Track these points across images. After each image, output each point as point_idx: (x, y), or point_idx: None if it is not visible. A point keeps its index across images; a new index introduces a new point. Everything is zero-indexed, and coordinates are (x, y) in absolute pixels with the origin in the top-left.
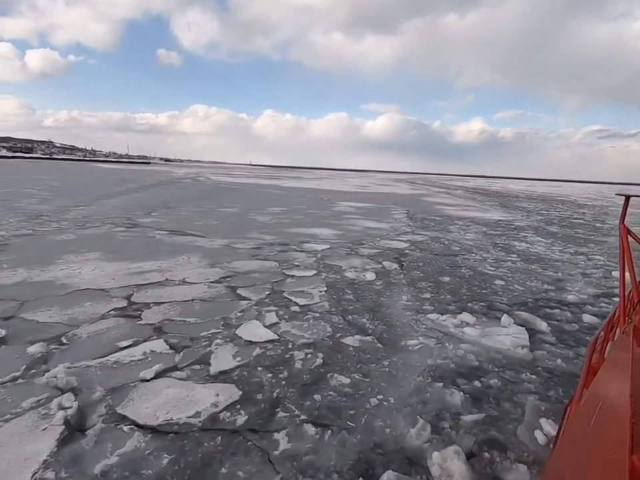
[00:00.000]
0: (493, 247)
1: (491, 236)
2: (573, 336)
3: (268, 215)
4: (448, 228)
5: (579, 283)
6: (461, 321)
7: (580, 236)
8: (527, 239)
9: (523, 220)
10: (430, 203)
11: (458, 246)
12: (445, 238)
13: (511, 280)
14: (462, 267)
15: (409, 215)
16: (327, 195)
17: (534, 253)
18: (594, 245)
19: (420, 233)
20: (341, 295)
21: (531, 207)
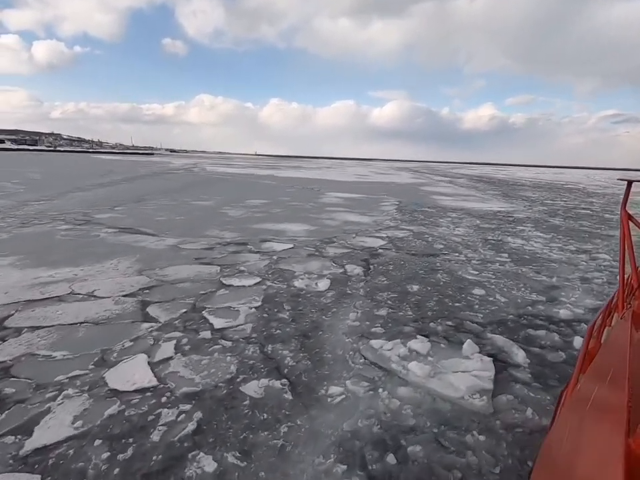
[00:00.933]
0: (482, 245)
1: (483, 230)
2: (557, 372)
3: (243, 209)
4: (438, 221)
5: (576, 291)
6: (411, 350)
7: (585, 229)
8: (523, 233)
9: (524, 211)
10: (427, 193)
11: (442, 243)
12: (430, 234)
13: (494, 288)
14: (438, 271)
15: (399, 206)
16: (320, 185)
17: (528, 252)
18: (600, 241)
19: (404, 228)
20: (275, 313)
21: (536, 196)
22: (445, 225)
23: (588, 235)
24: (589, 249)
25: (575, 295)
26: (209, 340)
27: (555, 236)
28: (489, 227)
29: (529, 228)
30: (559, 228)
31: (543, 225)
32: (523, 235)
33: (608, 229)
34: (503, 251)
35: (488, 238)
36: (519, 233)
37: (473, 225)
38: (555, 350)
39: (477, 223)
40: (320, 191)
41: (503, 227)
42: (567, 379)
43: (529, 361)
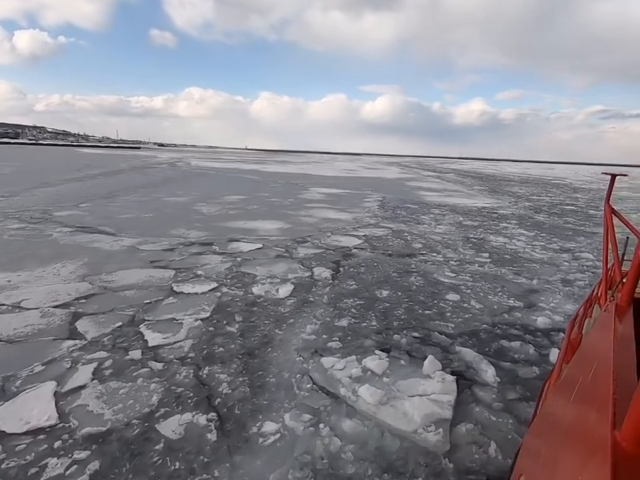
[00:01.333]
0: (463, 243)
1: (465, 228)
2: (528, 390)
3: (218, 205)
4: (420, 218)
5: (556, 295)
6: (365, 369)
7: (569, 226)
8: (506, 231)
9: (509, 207)
10: (412, 188)
11: (421, 242)
12: (410, 232)
13: (469, 293)
14: (413, 274)
15: (382, 202)
16: (304, 181)
17: (510, 251)
18: (584, 239)
19: (383, 226)
20: (222, 326)
21: (522, 191)
22: (427, 222)
23: (572, 232)
24: (572, 247)
25: (554, 300)
26: (137, 361)
27: (538, 233)
28: (472, 225)
29: (513, 225)
30: (542, 225)
31: (527, 222)
32: (506, 233)
33: (592, 226)
34: (483, 250)
35: (469, 236)
36: (501, 230)
37: (456, 222)
38: (529, 364)
39: (459, 220)
40: (304, 186)
41: (486, 224)
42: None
43: (499, 379)
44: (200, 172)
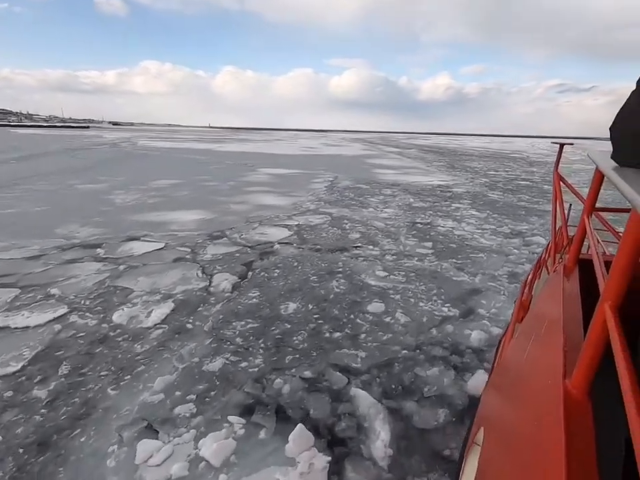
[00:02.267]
0: (407, 231)
1: (414, 211)
2: (430, 457)
3: (139, 193)
4: (367, 201)
5: (499, 296)
6: (198, 458)
7: (523, 204)
8: (457, 213)
9: (465, 184)
10: (370, 166)
11: (360, 231)
12: (351, 218)
13: (398, 300)
14: (337, 276)
15: (332, 183)
16: (257, 160)
17: (457, 238)
18: (536, 219)
19: (324, 212)
20: (29, 388)
21: (480, 166)
22: (374, 205)
23: (525, 211)
24: (524, 230)
25: (496, 303)
26: None
27: (489, 214)
28: (422, 207)
29: (465, 205)
30: (496, 204)
31: (480, 201)
32: (456, 215)
33: (545, 203)
34: (427, 238)
35: (416, 221)
36: (452, 212)
37: (405, 204)
38: (441, 404)
39: (410, 202)
40: (253, 166)
41: (438, 205)
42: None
43: (390, 450)
44: (142, 153)
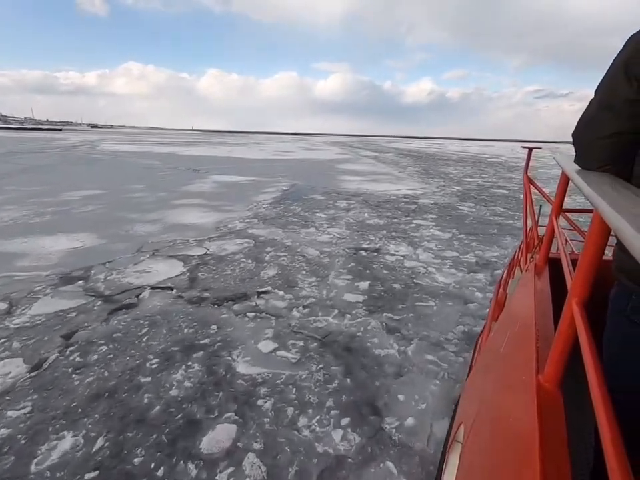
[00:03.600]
0: (343, 262)
1: (365, 231)
2: None
3: (30, 208)
4: (314, 217)
5: (432, 385)
6: None
7: (496, 219)
8: (417, 232)
9: (435, 193)
10: (338, 172)
11: (281, 265)
12: (280, 243)
13: (264, 413)
14: (192, 357)
15: (284, 193)
16: (215, 165)
17: (405, 274)
18: (510, 240)
19: (250, 234)
20: None
21: (456, 172)
22: (319, 223)
23: (497, 229)
24: (493, 258)
25: (420, 405)
26: None
27: (455, 235)
28: (376, 225)
29: (428, 222)
30: (465, 220)
31: (448, 215)
32: (414, 237)
33: (521, 218)
34: (366, 275)
35: (362, 246)
36: (411, 232)
37: (358, 221)
38: None
39: (363, 218)
40: (204, 173)
41: (396, 222)
42: None
43: None
44: (93, 158)
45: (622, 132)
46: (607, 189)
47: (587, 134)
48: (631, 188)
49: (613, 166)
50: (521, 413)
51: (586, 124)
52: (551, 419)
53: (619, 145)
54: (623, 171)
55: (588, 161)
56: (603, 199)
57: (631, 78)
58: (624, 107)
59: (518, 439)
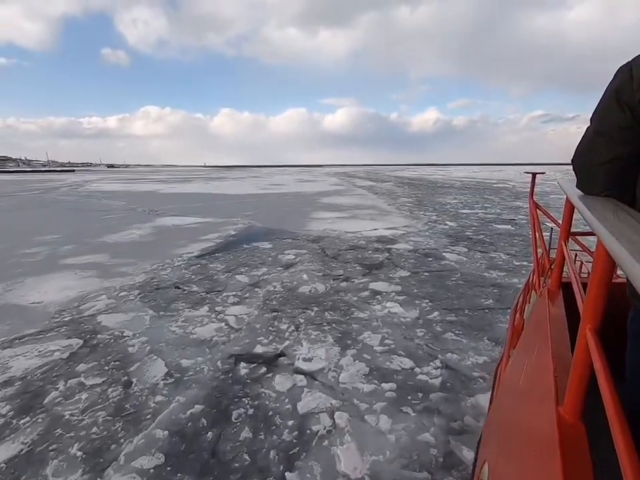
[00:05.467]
0: (188, 401)
1: (283, 312)
2: None
3: None
4: (224, 284)
5: None
6: None
7: (493, 278)
8: (364, 311)
9: (419, 234)
10: (315, 208)
11: (46, 420)
12: (117, 348)
13: None
14: None
15: (221, 242)
16: (181, 204)
17: (284, 439)
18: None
19: (93, 325)
20: None
21: (454, 202)
22: (225, 295)
23: (493, 298)
24: (474, 371)
25: None
26: None
27: (424, 314)
28: (310, 296)
29: (393, 285)
30: (447, 280)
31: (426, 272)
32: (355, 324)
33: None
34: (204, 448)
35: (254, 352)
36: (357, 309)
37: (288, 288)
38: None
39: (299, 282)
40: (160, 214)
41: (345, 288)
42: None
43: None
44: (62, 199)
45: (620, 157)
46: (609, 215)
47: (586, 160)
48: (632, 214)
49: (615, 191)
50: (544, 449)
51: (585, 150)
52: (574, 455)
53: (619, 170)
54: (625, 195)
55: (590, 187)
56: (603, 226)
57: (622, 106)
58: (619, 133)
59: (542, 478)
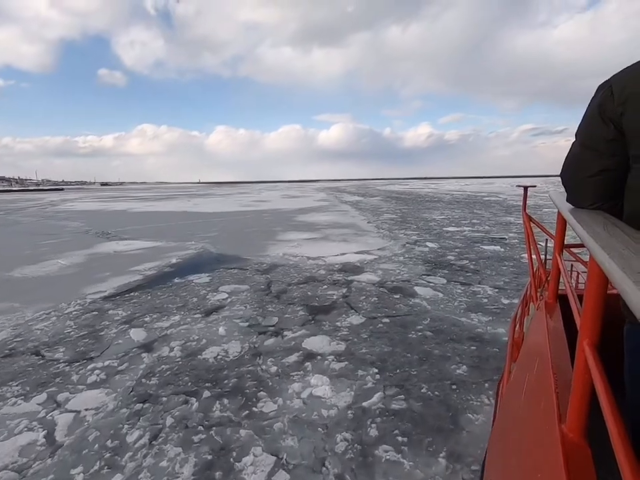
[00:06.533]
0: None
1: (144, 415)
2: None
3: None
4: (72, 377)
5: None
6: None
7: (473, 325)
8: (276, 397)
9: (392, 259)
10: (285, 228)
11: None
12: None
13: None
14: None
15: (150, 276)
16: (143, 225)
17: None
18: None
19: None
20: None
21: (441, 218)
22: (76, 381)
23: (474, 351)
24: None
25: None
26: None
27: (367, 390)
28: (210, 369)
29: (334, 343)
30: (412, 330)
31: (386, 317)
32: (246, 433)
33: None
34: None
35: None
36: (266, 395)
37: (189, 353)
38: None
39: (199, 347)
40: (111, 237)
41: (265, 354)
42: None
43: None
44: (20, 220)
45: (608, 169)
46: (599, 230)
47: (574, 174)
48: (622, 227)
49: (604, 203)
50: (548, 471)
51: (573, 164)
52: (579, 475)
53: (607, 182)
54: (614, 207)
55: (580, 199)
56: (595, 241)
57: (606, 120)
58: (605, 146)
59: None
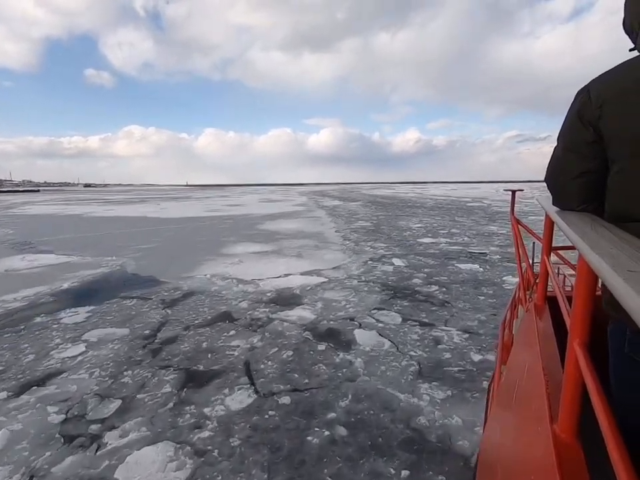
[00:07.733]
0: None
1: None
2: None
3: None
4: None
5: None
6: None
7: (425, 416)
8: None
9: (345, 283)
10: (239, 237)
11: None
12: None
13: None
14: None
15: (25, 305)
16: (82, 234)
17: None
18: None
19: None
20: None
21: (418, 226)
22: None
23: None
24: None
25: None
26: None
27: None
28: None
29: (170, 470)
30: (324, 419)
31: (294, 390)
32: None
33: None
34: None
35: None
36: None
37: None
38: None
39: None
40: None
41: None
42: None
43: None
44: None
45: (590, 170)
46: (587, 230)
47: (558, 177)
48: (608, 227)
49: (589, 205)
50: (541, 471)
51: (557, 168)
52: (572, 475)
53: (589, 184)
54: (598, 208)
55: (565, 202)
56: (583, 240)
57: (585, 124)
58: (586, 148)
59: None
